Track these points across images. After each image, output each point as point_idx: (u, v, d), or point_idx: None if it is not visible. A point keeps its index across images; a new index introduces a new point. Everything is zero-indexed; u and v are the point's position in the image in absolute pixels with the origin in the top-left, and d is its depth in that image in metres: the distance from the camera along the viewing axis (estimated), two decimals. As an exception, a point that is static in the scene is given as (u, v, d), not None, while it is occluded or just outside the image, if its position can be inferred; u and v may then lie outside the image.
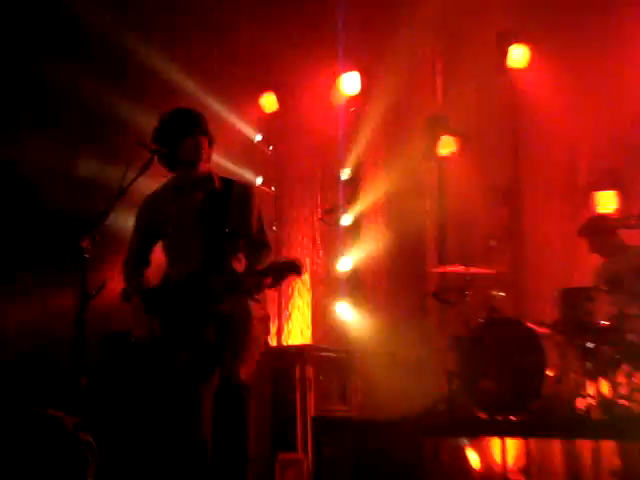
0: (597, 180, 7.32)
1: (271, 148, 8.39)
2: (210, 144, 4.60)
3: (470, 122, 7.66)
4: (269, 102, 8.30)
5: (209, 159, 4.61)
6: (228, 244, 4.50)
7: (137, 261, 4.65)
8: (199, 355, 4.36)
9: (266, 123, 8.34)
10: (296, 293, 8.27)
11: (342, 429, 6.60)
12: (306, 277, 8.21)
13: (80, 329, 3.94)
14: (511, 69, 7.58)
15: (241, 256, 4.56)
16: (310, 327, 8.24)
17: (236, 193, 4.58)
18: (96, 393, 5.28)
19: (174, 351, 4.40)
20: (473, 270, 6.98)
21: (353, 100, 8.15)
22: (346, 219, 8.18)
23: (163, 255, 4.63)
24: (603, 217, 6.93)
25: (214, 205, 4.53)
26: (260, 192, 7.60)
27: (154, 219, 4.59)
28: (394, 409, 6.81)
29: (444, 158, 7.82)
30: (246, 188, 4.69)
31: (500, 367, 6.33)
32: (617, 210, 7.09)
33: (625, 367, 6.35)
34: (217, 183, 4.58)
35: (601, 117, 7.24)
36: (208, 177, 4.57)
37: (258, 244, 4.60)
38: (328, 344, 7.74)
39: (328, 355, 7.42)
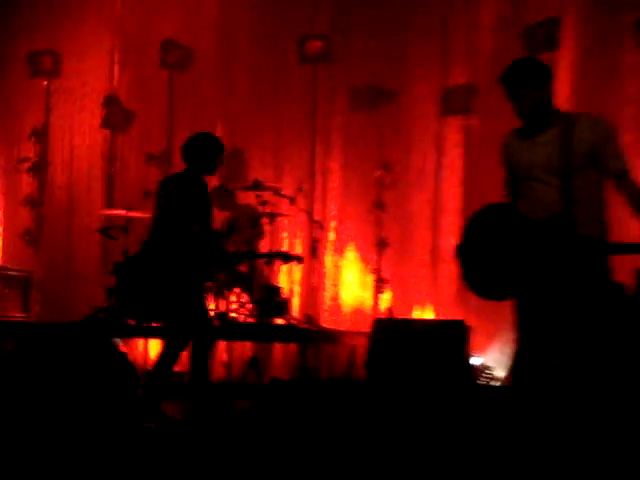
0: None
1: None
2: None
3: (141, 103, 8.91)
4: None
5: None
6: None
7: None
8: None
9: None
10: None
11: (18, 332, 7.32)
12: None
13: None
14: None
15: None
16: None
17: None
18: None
19: None
20: (133, 214, 7.83)
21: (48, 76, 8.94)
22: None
23: None
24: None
25: None
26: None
27: None
28: (67, 317, 7.61)
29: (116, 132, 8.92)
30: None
31: (145, 285, 6.61)
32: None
33: (236, 289, 7.63)
34: None
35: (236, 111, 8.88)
36: None
37: None
38: (18, 265, 8.47)
39: (12, 273, 8.14)
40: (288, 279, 8.63)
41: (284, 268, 8.58)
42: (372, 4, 8.67)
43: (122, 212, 7.90)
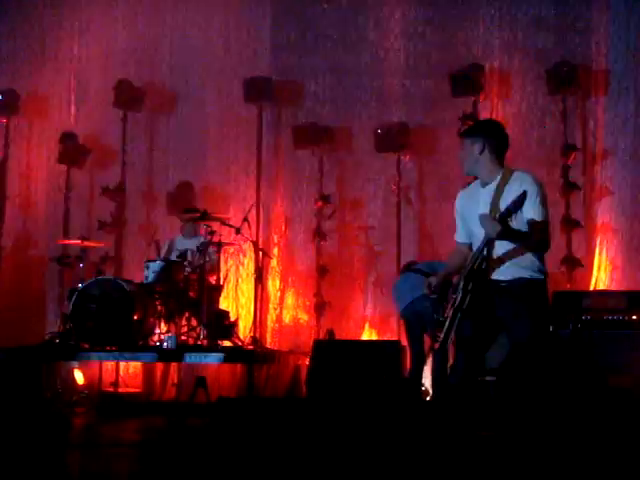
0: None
1: None
2: None
3: (96, 139, 8.88)
4: None
5: None
6: None
7: None
8: None
9: None
10: None
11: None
12: None
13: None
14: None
15: None
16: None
17: None
18: None
19: None
20: (88, 243, 7.86)
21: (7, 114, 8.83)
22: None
23: None
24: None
25: None
26: None
27: None
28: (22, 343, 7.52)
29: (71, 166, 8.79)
30: None
31: (105, 311, 7.09)
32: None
33: (186, 314, 7.55)
34: None
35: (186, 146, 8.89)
36: None
37: None
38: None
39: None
40: (235, 304, 8.65)
41: (231, 293, 8.62)
42: (311, 48, 8.89)
43: (77, 242, 7.87)
